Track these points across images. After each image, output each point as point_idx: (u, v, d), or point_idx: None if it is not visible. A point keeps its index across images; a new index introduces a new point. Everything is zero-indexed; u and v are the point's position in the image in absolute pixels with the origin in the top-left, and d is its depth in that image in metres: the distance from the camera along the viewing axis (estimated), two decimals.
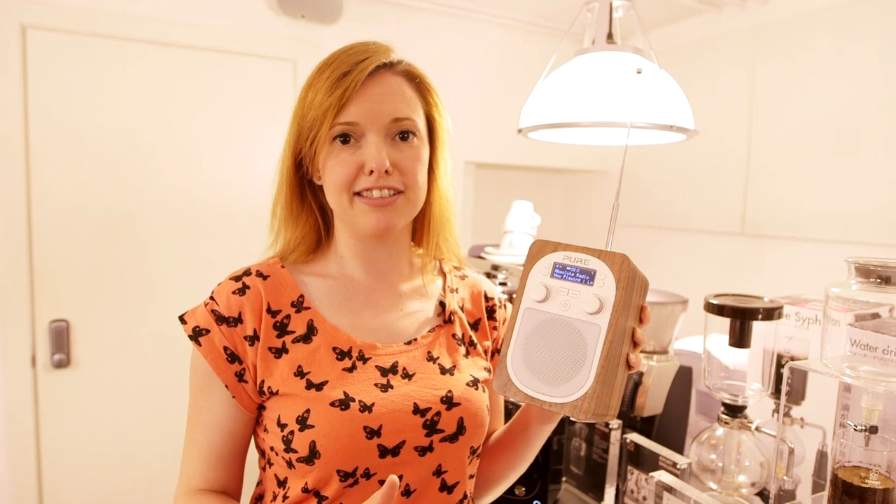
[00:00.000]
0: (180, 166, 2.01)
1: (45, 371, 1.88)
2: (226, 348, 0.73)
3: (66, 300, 1.88)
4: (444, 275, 0.90)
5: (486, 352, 0.88)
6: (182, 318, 0.76)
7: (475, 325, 0.88)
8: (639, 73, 1.19)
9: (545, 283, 0.68)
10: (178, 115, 1.99)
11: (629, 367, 0.69)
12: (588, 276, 0.66)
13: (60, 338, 1.87)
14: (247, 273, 0.77)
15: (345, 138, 0.74)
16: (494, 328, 0.91)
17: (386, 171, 0.73)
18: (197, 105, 2.02)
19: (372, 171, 0.73)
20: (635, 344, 0.70)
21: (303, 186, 0.81)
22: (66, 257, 1.87)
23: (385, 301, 0.81)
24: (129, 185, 1.93)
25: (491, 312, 0.91)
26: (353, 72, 0.72)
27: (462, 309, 0.88)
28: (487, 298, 0.92)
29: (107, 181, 1.90)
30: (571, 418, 0.67)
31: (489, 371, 0.86)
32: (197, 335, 0.73)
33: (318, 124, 0.73)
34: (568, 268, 0.67)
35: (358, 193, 0.74)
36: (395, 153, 0.75)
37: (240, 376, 0.73)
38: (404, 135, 0.76)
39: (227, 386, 0.73)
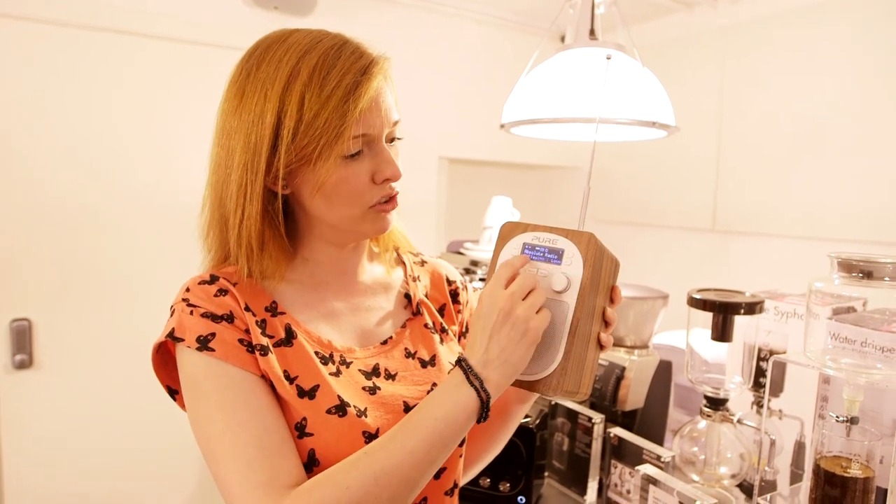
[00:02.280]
0: (149, 160, 1.94)
1: (6, 372, 1.80)
2: (240, 340, 0.67)
3: (29, 298, 1.80)
4: (403, 264, 0.89)
5: (454, 335, 0.88)
6: (175, 337, 0.66)
7: (441, 311, 0.88)
8: (608, 59, 1.21)
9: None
10: (147, 107, 1.92)
11: (601, 346, 0.70)
12: (556, 256, 0.67)
13: (22, 337, 1.80)
14: (214, 278, 0.71)
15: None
16: (459, 311, 0.90)
17: None
18: (167, 97, 1.95)
19: (386, 180, 0.71)
20: (607, 324, 0.70)
21: (268, 204, 0.70)
22: (29, 253, 1.79)
23: (353, 300, 0.80)
24: (95, 179, 1.86)
25: (455, 296, 0.91)
26: (363, 81, 0.67)
27: (427, 296, 0.87)
28: (449, 282, 0.91)
29: (71, 175, 1.83)
30: (542, 395, 0.68)
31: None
32: (205, 343, 0.66)
33: (327, 140, 0.66)
34: (537, 248, 0.68)
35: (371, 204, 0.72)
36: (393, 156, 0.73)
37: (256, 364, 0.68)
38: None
39: (262, 376, 0.67)
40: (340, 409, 0.68)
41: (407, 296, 0.85)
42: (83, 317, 1.88)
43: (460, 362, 0.64)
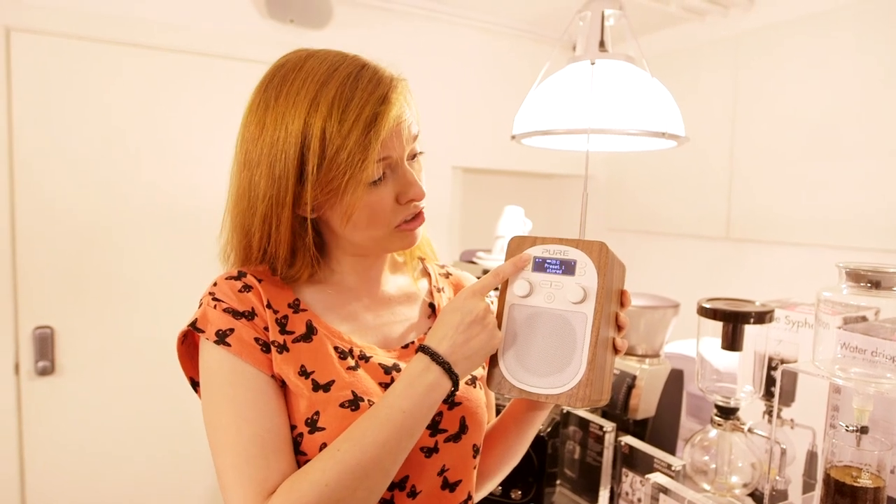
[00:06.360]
0: (166, 171, 1.99)
1: (29, 378, 1.84)
2: (257, 339, 0.70)
3: (51, 307, 1.85)
4: (428, 275, 0.90)
5: None
6: (197, 328, 0.70)
7: None
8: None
9: (528, 278, 0.69)
10: (164, 120, 1.97)
11: (616, 350, 0.72)
12: (569, 267, 0.67)
13: (44, 345, 1.84)
14: (242, 274, 0.75)
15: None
16: None
17: None
18: (183, 109, 2.00)
19: (411, 201, 0.73)
20: (619, 328, 0.72)
21: (296, 225, 0.73)
22: (51, 263, 1.84)
23: (376, 306, 0.82)
24: (114, 190, 1.91)
25: None
26: (382, 112, 0.68)
27: None
28: None
29: (92, 186, 1.88)
30: (568, 407, 0.69)
31: (483, 367, 0.87)
32: (223, 337, 0.69)
33: (351, 173, 0.67)
34: (548, 260, 0.69)
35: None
36: (415, 173, 0.74)
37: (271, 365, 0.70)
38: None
39: (272, 376, 0.69)
40: (353, 403, 0.70)
41: (431, 305, 0.87)
42: (103, 324, 1.93)
43: (425, 350, 0.68)
